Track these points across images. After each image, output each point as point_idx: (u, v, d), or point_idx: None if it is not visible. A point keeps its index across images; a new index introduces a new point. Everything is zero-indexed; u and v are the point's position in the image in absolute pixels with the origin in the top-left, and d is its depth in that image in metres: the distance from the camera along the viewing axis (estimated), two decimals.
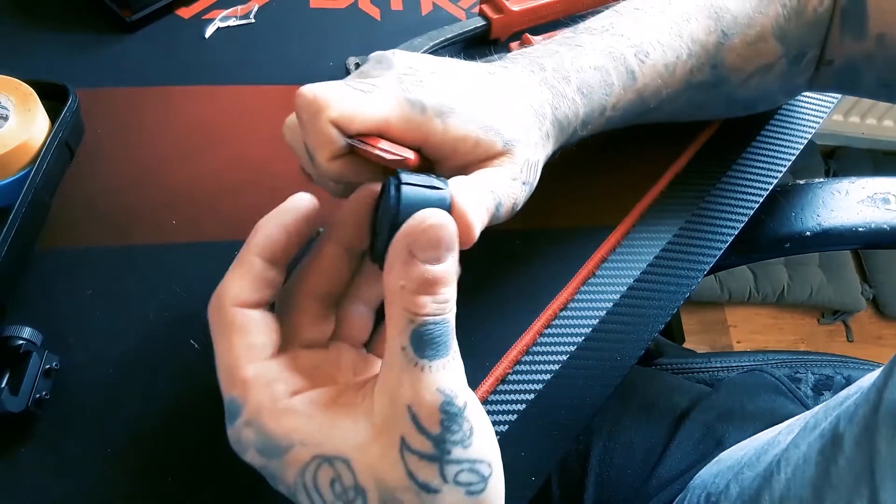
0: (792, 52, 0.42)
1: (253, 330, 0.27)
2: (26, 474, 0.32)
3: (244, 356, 0.26)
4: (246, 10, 0.52)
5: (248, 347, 0.26)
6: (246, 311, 0.27)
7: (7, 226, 0.36)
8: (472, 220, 0.27)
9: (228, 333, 0.26)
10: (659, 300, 0.43)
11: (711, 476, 0.45)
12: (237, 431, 0.26)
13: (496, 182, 0.31)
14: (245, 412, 0.25)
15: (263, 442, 0.25)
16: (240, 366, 0.26)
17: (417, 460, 0.24)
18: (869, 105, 1.50)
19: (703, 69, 0.40)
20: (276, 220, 0.28)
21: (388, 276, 0.25)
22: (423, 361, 0.24)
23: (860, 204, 0.56)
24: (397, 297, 0.24)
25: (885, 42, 0.41)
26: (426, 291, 0.24)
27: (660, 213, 0.46)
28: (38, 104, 0.40)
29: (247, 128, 0.46)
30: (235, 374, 0.26)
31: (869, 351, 1.48)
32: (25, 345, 0.33)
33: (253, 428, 0.25)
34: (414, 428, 0.24)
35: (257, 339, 0.27)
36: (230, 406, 0.26)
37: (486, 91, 0.33)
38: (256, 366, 0.26)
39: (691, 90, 0.41)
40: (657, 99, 0.40)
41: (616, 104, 0.38)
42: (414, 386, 0.24)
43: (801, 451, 0.33)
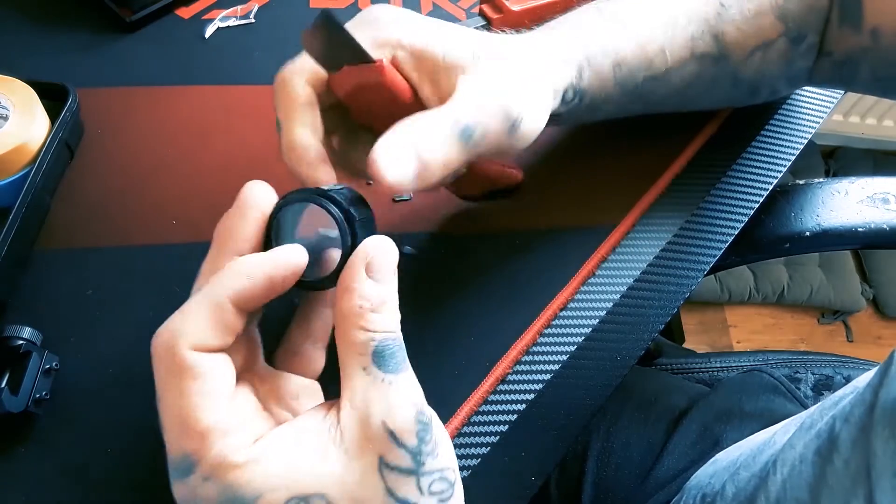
0: (792, 33, 0.43)
1: (210, 375, 0.24)
2: (26, 474, 0.32)
3: (200, 405, 0.23)
4: (246, 10, 0.52)
5: (205, 395, 0.23)
6: (203, 355, 0.24)
7: (7, 226, 0.36)
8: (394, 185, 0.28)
9: (180, 380, 0.23)
10: (659, 300, 0.43)
11: (707, 476, 0.45)
12: (191, 488, 0.23)
13: (458, 107, 0.31)
14: (201, 468, 0.23)
15: (228, 497, 0.23)
16: (196, 417, 0.23)
17: (396, 477, 0.24)
18: (869, 105, 1.50)
19: (705, 38, 0.41)
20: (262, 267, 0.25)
21: (346, 299, 0.25)
22: (389, 377, 0.25)
23: (860, 204, 0.56)
24: (356, 319, 0.25)
25: (879, 36, 0.41)
26: (383, 310, 0.25)
27: (660, 213, 0.46)
28: (38, 104, 0.40)
29: (247, 128, 0.46)
30: (190, 427, 0.23)
31: (869, 351, 1.48)
32: (25, 345, 0.33)
33: (214, 483, 0.23)
34: (392, 444, 0.24)
35: (215, 384, 0.24)
36: (182, 462, 0.23)
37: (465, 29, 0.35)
38: (214, 414, 0.23)
39: (696, 62, 0.41)
40: (663, 61, 0.40)
41: (617, 50, 0.39)
42: (386, 402, 0.24)
43: (798, 451, 0.33)
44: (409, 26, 0.33)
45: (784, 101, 0.54)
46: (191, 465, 0.23)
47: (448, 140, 0.30)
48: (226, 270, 0.25)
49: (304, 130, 0.31)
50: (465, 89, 0.31)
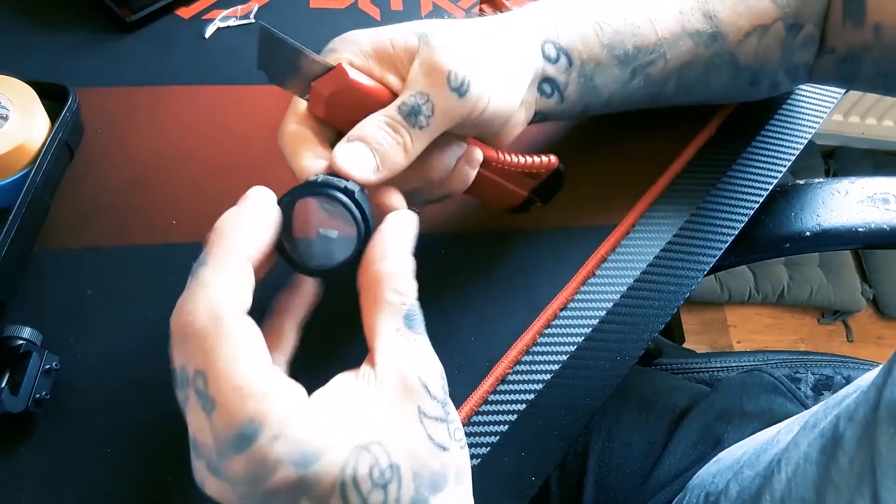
0: (789, 19, 0.43)
1: (256, 337, 0.25)
2: (26, 474, 0.32)
3: (256, 368, 0.24)
4: (246, 10, 0.52)
5: (257, 357, 0.24)
6: (247, 319, 0.25)
7: (7, 226, 0.36)
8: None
9: (231, 345, 0.24)
10: (659, 300, 0.43)
11: (710, 476, 0.45)
12: (258, 454, 0.23)
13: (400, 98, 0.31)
14: (269, 428, 0.23)
15: (301, 451, 0.23)
16: (255, 379, 0.23)
17: (433, 424, 0.26)
18: (869, 105, 1.50)
19: (695, 13, 0.41)
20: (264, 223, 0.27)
21: (387, 262, 0.27)
22: (419, 337, 0.27)
23: (860, 204, 0.56)
24: (393, 283, 0.27)
25: (881, 32, 0.41)
26: (411, 276, 0.28)
27: (660, 213, 0.46)
28: (38, 104, 0.40)
29: (246, 128, 0.46)
30: (251, 390, 0.23)
31: (869, 351, 1.48)
32: (25, 345, 0.33)
33: (284, 440, 0.23)
34: (426, 396, 0.26)
35: (262, 347, 0.25)
36: (246, 429, 0.23)
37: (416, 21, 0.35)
38: (269, 375, 0.24)
39: (690, 38, 0.41)
40: (651, 30, 0.40)
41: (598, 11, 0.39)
42: (420, 359, 0.27)
43: (802, 450, 0.33)
44: (355, 37, 0.33)
45: (784, 100, 0.54)
46: (257, 429, 0.23)
47: (398, 125, 0.31)
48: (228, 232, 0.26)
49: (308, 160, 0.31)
50: (412, 71, 0.32)
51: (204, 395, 0.24)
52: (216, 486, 0.25)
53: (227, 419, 0.23)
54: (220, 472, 0.24)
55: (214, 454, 0.24)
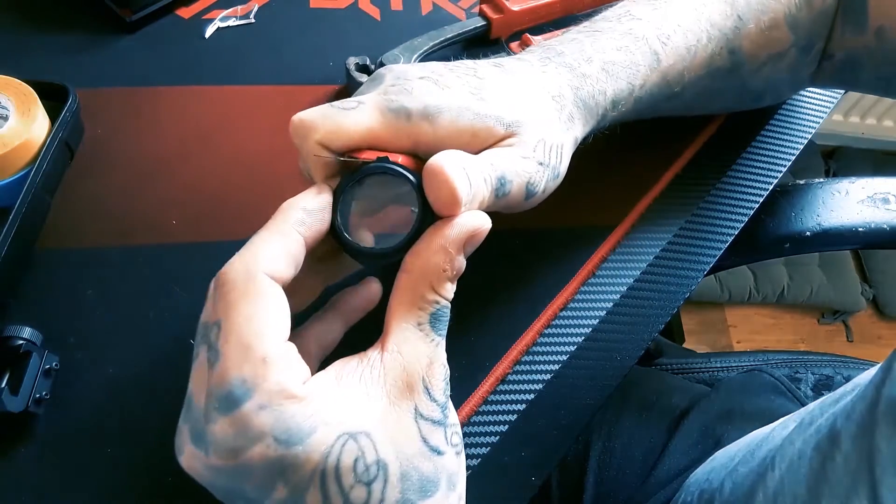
0: (802, 42, 0.43)
1: (279, 303, 0.24)
2: (26, 474, 0.32)
3: (267, 332, 0.23)
4: (246, 10, 0.52)
5: (273, 323, 0.24)
6: (275, 283, 0.25)
7: (7, 226, 0.36)
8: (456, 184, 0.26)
9: (254, 302, 0.23)
10: (659, 300, 0.43)
11: (705, 473, 0.45)
12: (241, 419, 0.22)
13: (498, 157, 0.30)
14: (259, 395, 0.22)
15: (286, 428, 0.22)
16: (262, 342, 0.23)
17: (428, 426, 0.25)
18: (869, 105, 1.50)
19: (723, 53, 0.40)
20: (320, 200, 0.27)
21: (437, 256, 0.26)
22: (438, 339, 0.27)
23: (860, 204, 0.56)
24: (435, 279, 0.26)
25: (884, 36, 0.41)
26: (455, 279, 0.27)
27: (660, 213, 0.46)
28: (38, 104, 0.40)
29: (247, 128, 0.46)
30: (254, 351, 0.23)
31: (869, 351, 1.48)
32: (25, 345, 0.33)
33: (270, 412, 0.22)
34: (427, 396, 0.25)
35: (281, 315, 0.24)
36: (237, 388, 0.22)
37: (485, 83, 0.32)
38: (278, 343, 0.23)
39: (710, 76, 0.41)
40: (680, 83, 0.40)
41: (643, 84, 0.38)
42: (429, 359, 0.26)
43: (797, 447, 0.33)
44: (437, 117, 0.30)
45: (784, 101, 0.54)
46: (247, 392, 0.22)
47: (487, 178, 0.29)
48: (294, 206, 0.26)
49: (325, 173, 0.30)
50: (501, 146, 0.31)
51: (213, 347, 0.24)
52: (191, 455, 0.24)
53: (222, 375, 0.23)
54: (202, 437, 0.23)
55: (202, 414, 0.23)
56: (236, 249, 0.28)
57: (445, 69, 0.33)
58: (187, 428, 0.24)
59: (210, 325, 0.24)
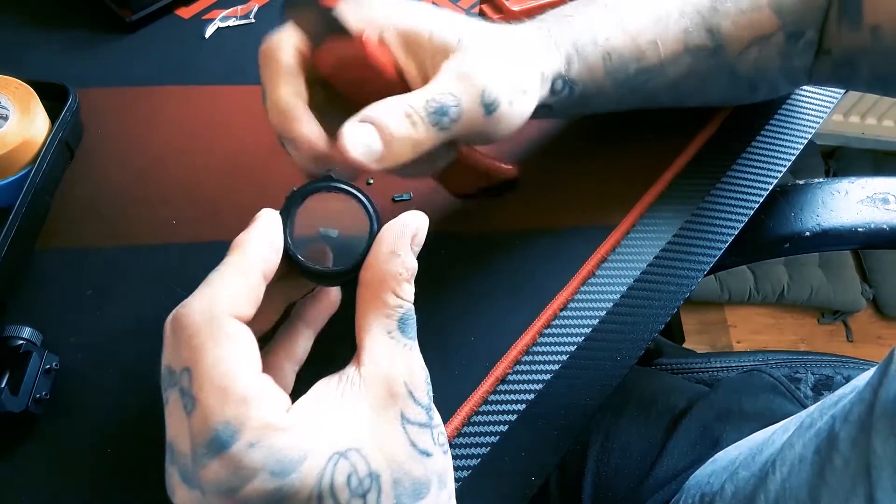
0: (789, 28, 0.43)
1: (247, 342, 0.24)
2: (26, 474, 0.32)
3: (241, 371, 0.23)
4: (246, 10, 0.52)
5: (244, 362, 0.24)
6: (240, 323, 0.24)
7: (7, 226, 0.36)
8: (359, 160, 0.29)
9: (222, 347, 0.23)
10: (659, 300, 0.43)
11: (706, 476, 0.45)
12: (233, 459, 0.22)
13: (432, 84, 0.31)
14: (245, 434, 0.22)
15: (277, 460, 0.22)
16: (239, 382, 0.23)
17: (416, 430, 0.25)
18: (869, 105, 1.50)
19: (700, 31, 0.41)
20: (274, 232, 0.27)
21: (391, 263, 0.27)
22: (410, 342, 0.27)
23: (860, 204, 0.56)
24: (393, 285, 0.26)
25: (879, 34, 0.41)
26: (412, 282, 0.27)
27: (660, 213, 0.46)
28: (38, 104, 0.40)
29: (246, 128, 0.46)
30: (233, 392, 0.23)
31: (869, 351, 1.48)
32: (25, 345, 0.33)
33: (259, 448, 0.22)
34: (411, 401, 0.26)
35: (251, 352, 0.24)
36: (223, 431, 0.22)
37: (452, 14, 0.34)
38: (254, 380, 0.23)
39: (691, 55, 0.41)
40: (655, 53, 0.40)
41: (608, 38, 0.39)
42: (407, 364, 0.26)
43: (797, 450, 0.33)
44: (399, 7, 0.33)
45: (784, 101, 0.54)
46: (233, 433, 0.22)
47: (419, 120, 0.30)
48: (245, 245, 0.26)
49: (289, 90, 0.31)
50: (444, 71, 0.32)
51: (187, 393, 0.23)
52: (186, 496, 0.24)
53: (204, 420, 0.22)
54: (193, 479, 0.23)
55: (189, 459, 0.23)
56: None
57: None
58: (175, 470, 0.24)
59: (177, 371, 0.24)
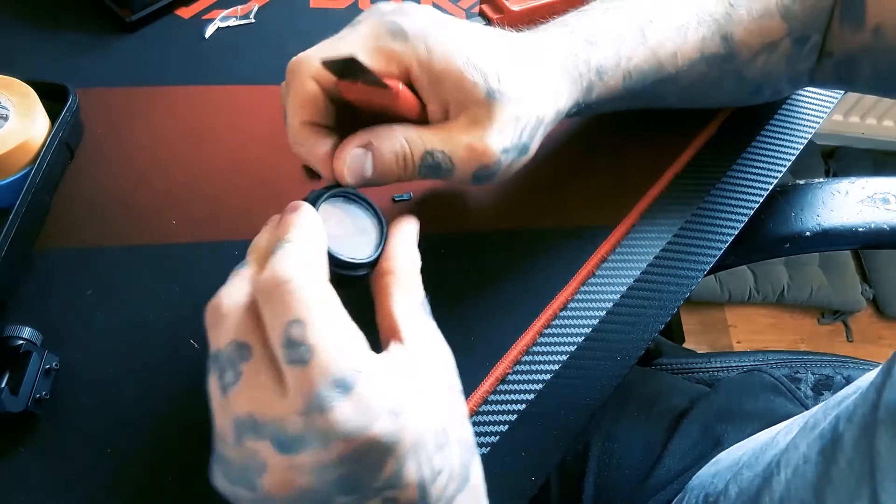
0: (796, 34, 0.43)
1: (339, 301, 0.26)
2: (26, 474, 0.32)
3: (349, 322, 0.25)
4: (246, 10, 0.52)
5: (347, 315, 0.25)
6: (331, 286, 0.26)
7: (7, 226, 0.36)
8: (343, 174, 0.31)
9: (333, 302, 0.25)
10: (659, 300, 0.43)
11: (710, 476, 0.45)
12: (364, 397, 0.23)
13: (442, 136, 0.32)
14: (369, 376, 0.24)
15: (395, 400, 0.24)
16: (350, 330, 0.25)
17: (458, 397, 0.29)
18: (869, 105, 1.50)
19: (715, 39, 0.41)
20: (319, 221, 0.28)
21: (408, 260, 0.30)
22: (434, 323, 0.30)
23: (860, 204, 0.56)
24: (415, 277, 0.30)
25: (881, 34, 0.41)
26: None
27: (660, 213, 0.46)
28: (38, 104, 0.40)
29: (247, 128, 0.46)
30: (349, 338, 0.24)
31: (869, 351, 1.48)
32: (25, 345, 0.33)
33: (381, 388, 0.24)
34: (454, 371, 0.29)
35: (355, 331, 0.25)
36: (347, 375, 0.23)
37: (485, 35, 0.33)
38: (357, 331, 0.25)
39: (704, 62, 0.41)
40: (674, 65, 0.40)
41: (631, 58, 0.38)
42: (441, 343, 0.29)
43: (801, 451, 0.33)
44: (433, 42, 0.31)
45: (784, 101, 0.54)
46: (357, 375, 0.23)
47: (411, 166, 0.32)
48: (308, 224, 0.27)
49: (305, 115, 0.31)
50: (457, 127, 0.32)
51: (299, 345, 0.23)
52: (284, 466, 0.23)
53: (328, 364, 0.23)
54: (298, 443, 0.23)
55: (294, 419, 0.23)
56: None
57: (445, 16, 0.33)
58: (267, 444, 0.23)
59: (280, 328, 0.24)
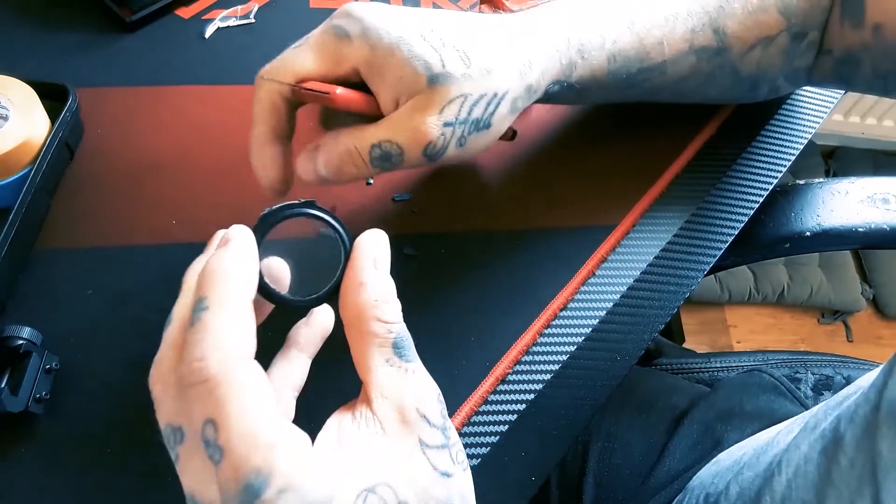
0: (794, 29, 0.43)
1: (265, 384, 0.23)
2: (26, 474, 0.32)
3: (265, 417, 0.22)
4: (246, 10, 0.52)
5: (266, 406, 0.23)
6: (255, 364, 0.24)
7: (7, 226, 0.36)
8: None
9: (245, 392, 0.23)
10: (659, 300, 0.43)
11: (710, 476, 0.45)
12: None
13: (381, 126, 0.33)
14: (275, 482, 0.22)
15: (310, 502, 0.22)
16: (265, 429, 0.22)
17: (435, 453, 0.25)
18: (869, 105, 1.50)
19: (706, 31, 0.41)
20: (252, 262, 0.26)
21: (361, 294, 0.26)
22: (411, 365, 0.26)
23: (860, 204, 0.56)
24: (374, 312, 0.26)
25: (881, 32, 0.41)
26: (392, 301, 0.26)
27: (660, 213, 0.46)
28: (38, 104, 0.40)
29: (246, 128, 0.46)
30: (259, 440, 0.22)
31: (869, 351, 1.48)
32: (25, 345, 0.33)
33: (292, 493, 0.22)
34: (426, 425, 0.25)
35: (270, 394, 0.23)
36: (254, 481, 0.22)
37: (436, 21, 0.34)
38: (277, 424, 0.23)
39: (695, 54, 0.41)
40: (660, 53, 0.40)
41: (616, 41, 0.39)
42: (414, 389, 0.26)
43: (802, 451, 0.33)
44: (377, 39, 0.32)
45: (784, 101, 0.54)
46: (264, 482, 0.22)
47: (362, 163, 0.33)
48: (231, 275, 0.24)
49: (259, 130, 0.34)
50: (400, 115, 0.33)
51: (213, 445, 0.22)
52: None
53: (234, 470, 0.22)
54: None
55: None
56: None
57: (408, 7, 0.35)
58: None
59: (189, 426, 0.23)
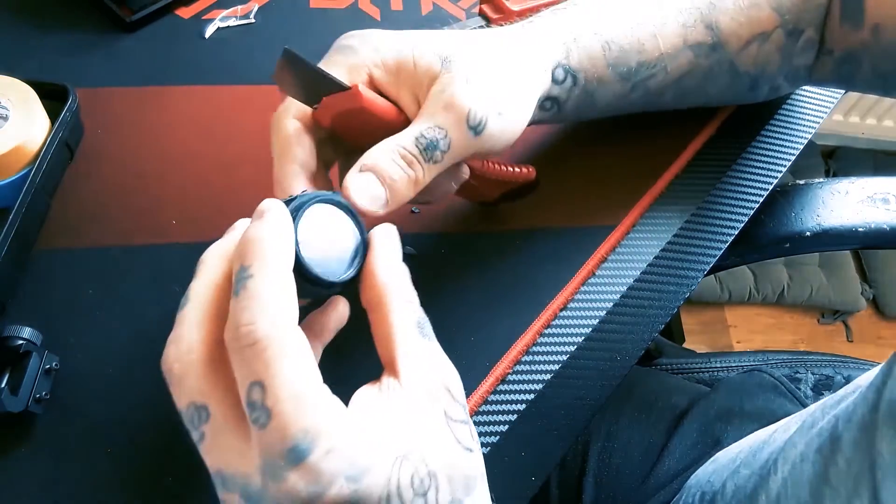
0: (789, 26, 0.43)
1: (309, 351, 0.24)
2: (26, 474, 0.32)
3: (312, 380, 0.23)
4: (246, 10, 0.52)
5: (312, 370, 0.24)
6: (301, 332, 0.24)
7: (7, 226, 0.36)
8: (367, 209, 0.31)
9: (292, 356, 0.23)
10: (659, 300, 0.43)
11: (707, 475, 0.45)
12: (312, 469, 0.22)
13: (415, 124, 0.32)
14: (322, 443, 0.23)
15: (352, 465, 0.23)
16: (310, 391, 0.23)
17: (458, 427, 0.26)
18: (869, 105, 1.50)
19: (698, 26, 0.42)
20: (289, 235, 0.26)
21: (387, 278, 0.27)
22: (434, 343, 0.27)
23: (860, 204, 0.56)
24: (403, 293, 0.27)
25: (880, 32, 0.41)
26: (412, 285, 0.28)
27: (660, 213, 0.46)
28: (38, 104, 0.40)
29: (247, 128, 0.46)
30: (307, 401, 0.23)
31: (869, 351, 1.48)
32: (25, 345, 0.33)
33: (337, 455, 0.23)
34: (451, 399, 0.26)
35: (314, 360, 0.24)
36: (302, 441, 0.22)
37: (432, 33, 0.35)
38: (321, 388, 0.24)
39: (691, 50, 0.42)
40: (655, 46, 0.41)
41: (607, 30, 0.40)
42: (440, 365, 0.27)
43: (799, 449, 0.33)
44: (380, 43, 0.33)
45: (784, 101, 0.54)
46: (311, 442, 0.22)
47: (414, 159, 0.31)
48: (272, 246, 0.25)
49: (290, 166, 0.32)
50: (429, 100, 0.32)
51: (259, 407, 0.23)
52: None
53: (282, 430, 0.22)
54: (265, 497, 0.23)
55: (255, 478, 0.23)
56: None
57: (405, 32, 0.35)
58: (236, 496, 0.24)
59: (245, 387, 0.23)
